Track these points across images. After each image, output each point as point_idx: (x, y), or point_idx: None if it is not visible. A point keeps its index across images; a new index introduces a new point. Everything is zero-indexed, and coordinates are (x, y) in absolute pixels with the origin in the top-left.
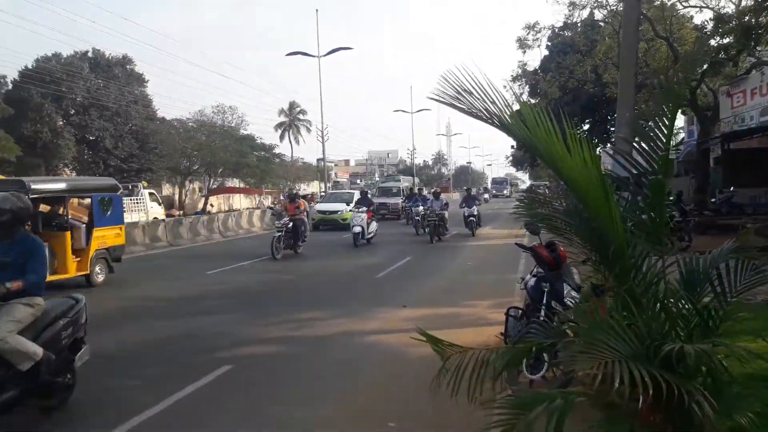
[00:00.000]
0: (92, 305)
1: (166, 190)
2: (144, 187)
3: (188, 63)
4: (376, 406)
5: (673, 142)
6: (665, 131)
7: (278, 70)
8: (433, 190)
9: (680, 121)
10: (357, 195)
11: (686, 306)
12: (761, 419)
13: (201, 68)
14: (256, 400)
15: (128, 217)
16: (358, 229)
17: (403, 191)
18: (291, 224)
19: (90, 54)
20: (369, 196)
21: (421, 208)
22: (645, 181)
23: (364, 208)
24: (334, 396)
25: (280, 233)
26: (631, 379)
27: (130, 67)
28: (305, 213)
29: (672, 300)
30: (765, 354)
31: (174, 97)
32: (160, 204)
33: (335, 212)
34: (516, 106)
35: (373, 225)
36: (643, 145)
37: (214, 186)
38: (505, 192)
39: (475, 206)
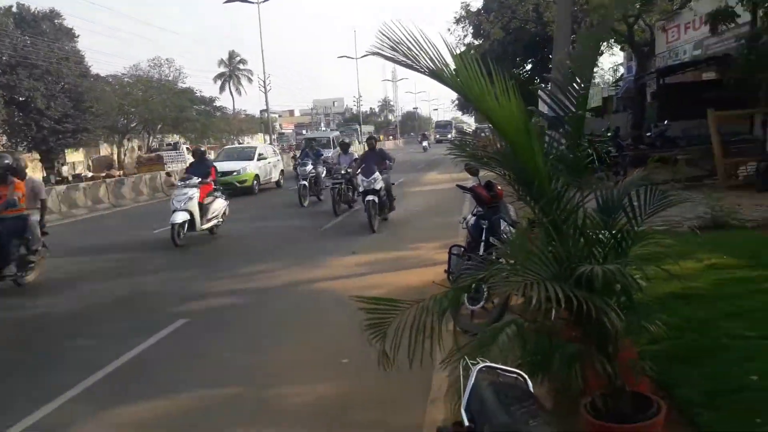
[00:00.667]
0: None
1: (105, 150)
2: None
3: (121, 15)
4: (328, 346)
5: (612, 78)
6: (586, 71)
7: (217, 19)
8: (341, 141)
9: (619, 57)
10: (261, 149)
11: (602, 232)
12: (676, 329)
13: (134, 20)
14: (214, 349)
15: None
16: (180, 217)
17: (334, 143)
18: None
19: (14, 9)
20: (206, 157)
21: (309, 167)
22: (566, 119)
23: (196, 180)
24: (288, 341)
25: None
26: (548, 298)
27: (58, 22)
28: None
29: (590, 228)
30: (683, 275)
31: (107, 52)
32: None
33: (230, 173)
34: (458, 50)
35: (217, 204)
36: (571, 82)
37: (154, 144)
38: (449, 136)
39: (379, 174)
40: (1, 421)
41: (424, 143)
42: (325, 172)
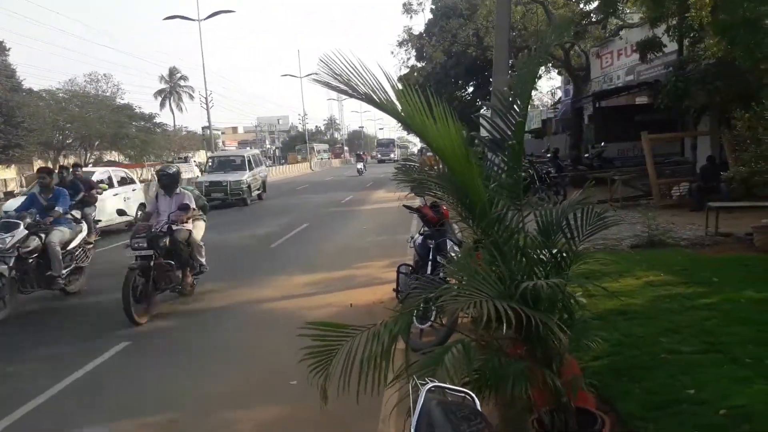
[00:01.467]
0: None
1: (38, 166)
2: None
3: (56, 29)
4: (276, 368)
5: (551, 101)
6: (521, 99)
7: (157, 36)
8: (162, 172)
9: (557, 81)
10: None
11: (543, 252)
12: (616, 345)
13: (69, 34)
14: (158, 372)
15: None
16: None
17: (250, 163)
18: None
19: None
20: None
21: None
22: (505, 144)
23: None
24: (235, 363)
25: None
26: (497, 316)
27: None
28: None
29: (531, 248)
30: (622, 292)
31: (41, 66)
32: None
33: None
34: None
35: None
36: (508, 107)
37: (91, 161)
38: (391, 155)
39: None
40: None
41: (359, 165)
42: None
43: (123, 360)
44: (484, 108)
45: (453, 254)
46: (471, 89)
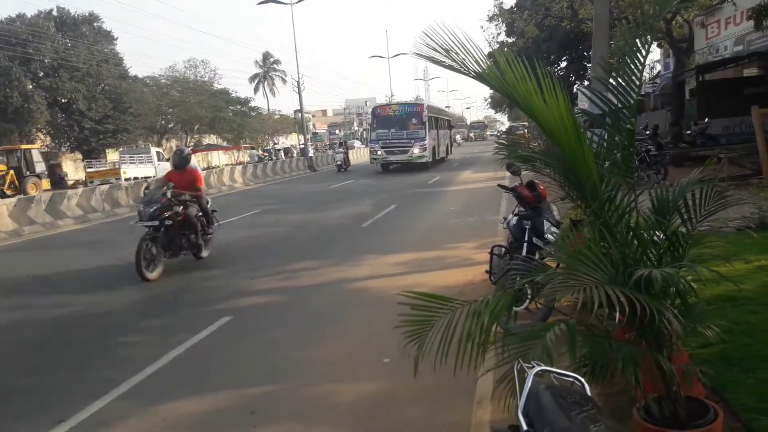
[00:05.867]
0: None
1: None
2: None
3: (157, 17)
4: (370, 345)
5: (650, 76)
6: (637, 68)
7: (250, 20)
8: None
9: (656, 54)
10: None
11: (657, 233)
12: (726, 333)
13: (170, 22)
14: (258, 346)
15: None
16: None
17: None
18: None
19: (55, 13)
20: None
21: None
22: (618, 119)
23: None
24: (330, 338)
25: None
26: (608, 302)
27: (97, 25)
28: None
29: (644, 229)
30: (732, 277)
31: (145, 54)
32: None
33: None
34: (492, 48)
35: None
36: (616, 82)
37: (191, 144)
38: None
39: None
40: (52, 417)
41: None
42: None
43: (225, 334)
44: (586, 82)
45: (551, 235)
46: (564, 64)
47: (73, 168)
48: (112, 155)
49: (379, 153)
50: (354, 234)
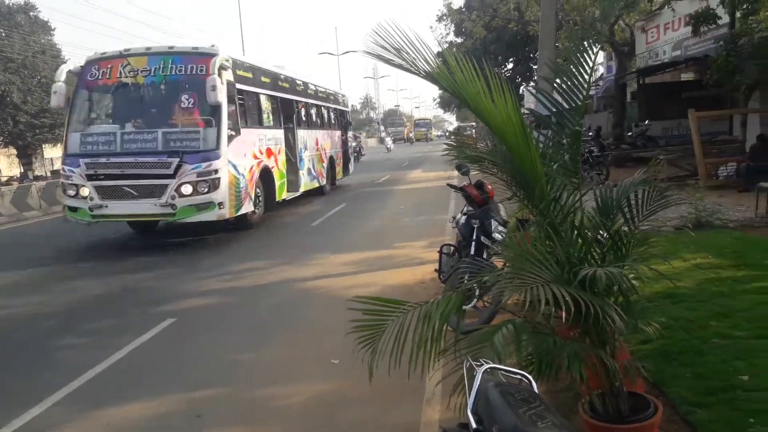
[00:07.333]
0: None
1: None
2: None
3: (97, 8)
4: (319, 346)
5: (593, 78)
6: (585, 70)
7: (194, 11)
8: None
9: (600, 57)
10: None
11: (601, 233)
12: (665, 329)
13: (111, 12)
14: (203, 348)
15: None
16: None
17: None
18: None
19: None
20: None
21: None
22: (564, 120)
23: None
24: (278, 339)
25: None
26: (554, 301)
27: (33, 14)
28: None
29: (588, 228)
30: (670, 275)
31: (85, 46)
32: None
33: None
34: (441, 48)
35: None
36: (564, 83)
37: None
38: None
39: None
40: None
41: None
42: None
43: (169, 336)
44: (532, 83)
45: (499, 235)
46: (511, 66)
47: (7, 164)
48: (50, 151)
49: (79, 194)
50: (303, 233)
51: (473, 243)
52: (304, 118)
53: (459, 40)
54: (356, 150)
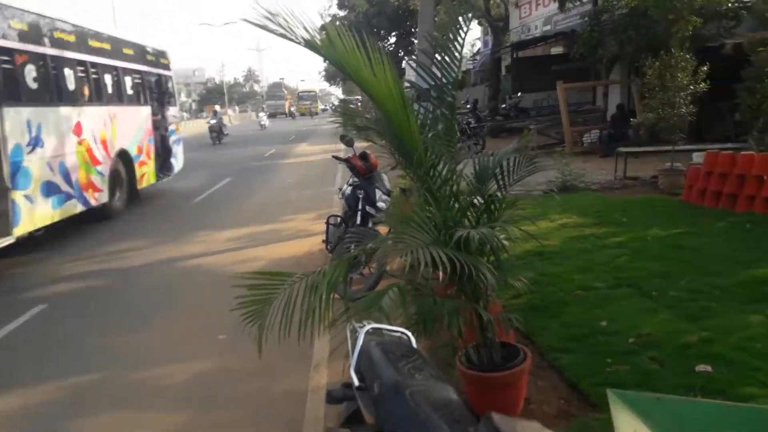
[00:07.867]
0: None
1: None
2: None
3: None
4: (204, 323)
5: (470, 53)
6: (459, 44)
7: None
8: None
9: (477, 32)
10: None
11: (477, 198)
12: (533, 284)
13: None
14: (77, 334)
15: None
16: None
17: None
18: None
19: None
20: None
21: None
22: (442, 93)
23: None
24: (160, 320)
25: None
26: (432, 262)
27: None
28: None
29: (466, 194)
30: (538, 235)
31: None
32: None
33: None
34: (324, 21)
35: None
36: (441, 57)
37: None
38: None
39: None
40: None
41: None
42: None
43: (41, 323)
44: (414, 57)
45: (383, 203)
46: (393, 40)
47: None
48: None
49: None
50: (184, 210)
51: (359, 213)
52: (40, 86)
53: (342, 13)
54: (215, 129)
